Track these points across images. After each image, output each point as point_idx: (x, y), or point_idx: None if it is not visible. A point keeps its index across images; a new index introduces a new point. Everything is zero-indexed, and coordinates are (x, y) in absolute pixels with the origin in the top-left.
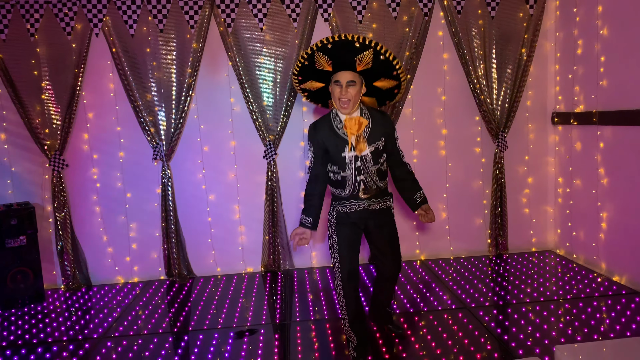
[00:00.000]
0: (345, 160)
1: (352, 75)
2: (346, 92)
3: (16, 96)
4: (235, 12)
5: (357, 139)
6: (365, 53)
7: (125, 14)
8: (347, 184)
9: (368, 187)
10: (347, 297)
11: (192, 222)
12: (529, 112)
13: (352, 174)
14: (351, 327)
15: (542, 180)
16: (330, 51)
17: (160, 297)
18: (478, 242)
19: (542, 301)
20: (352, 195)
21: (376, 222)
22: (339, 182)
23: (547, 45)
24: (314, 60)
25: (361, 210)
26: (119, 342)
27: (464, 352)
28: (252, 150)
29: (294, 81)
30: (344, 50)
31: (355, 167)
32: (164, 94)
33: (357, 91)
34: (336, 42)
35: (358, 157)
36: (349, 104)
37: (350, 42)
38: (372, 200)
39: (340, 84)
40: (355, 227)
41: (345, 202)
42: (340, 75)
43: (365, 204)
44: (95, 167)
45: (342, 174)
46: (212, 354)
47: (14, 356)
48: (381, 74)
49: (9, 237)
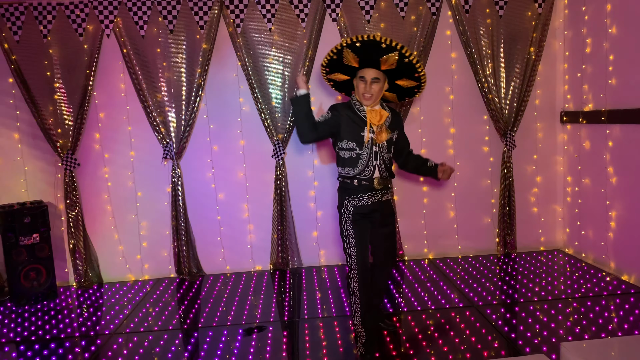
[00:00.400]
0: (363, 139)
1: (376, 73)
2: (370, 88)
3: (29, 96)
4: (244, 12)
5: (379, 128)
6: (391, 55)
7: (135, 15)
8: (359, 162)
9: (381, 175)
10: (362, 290)
11: (202, 220)
12: (538, 111)
13: (367, 154)
14: (362, 321)
15: (551, 179)
16: (358, 49)
17: (170, 294)
18: (486, 241)
19: (550, 300)
20: (366, 184)
21: (383, 213)
22: (351, 160)
23: (555, 44)
24: (342, 56)
25: (375, 202)
26: (130, 338)
27: (471, 349)
28: (261, 150)
29: (322, 72)
30: (371, 50)
31: (371, 150)
32: (174, 94)
33: (380, 88)
34: (365, 41)
35: (375, 142)
36: (371, 98)
37: (377, 42)
38: (383, 192)
39: (365, 80)
40: (367, 221)
41: (362, 196)
42: (366, 71)
43: (379, 196)
44: (106, 166)
45: (357, 150)
46: (221, 351)
47: (28, 351)
48: (403, 74)
49: (23, 234)
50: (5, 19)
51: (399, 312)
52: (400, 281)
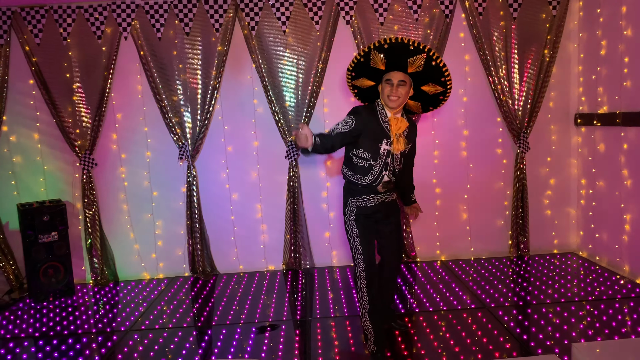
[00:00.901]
0: (379, 151)
1: (403, 76)
2: (396, 90)
3: (49, 98)
4: (259, 15)
5: (397, 137)
6: (418, 57)
7: (152, 17)
8: (371, 173)
9: (387, 182)
10: (369, 287)
11: (216, 220)
12: (552, 114)
13: (379, 166)
14: (370, 319)
15: (565, 181)
16: (385, 51)
17: (185, 293)
18: (499, 243)
19: (563, 302)
20: (370, 188)
21: (387, 213)
22: (363, 169)
23: (570, 46)
24: (369, 58)
25: (378, 204)
26: (145, 335)
27: (482, 350)
28: (275, 151)
29: (347, 77)
30: (399, 52)
31: (384, 161)
32: (189, 96)
33: (406, 91)
34: (392, 43)
35: (390, 153)
36: (397, 101)
37: (405, 44)
38: (386, 194)
39: (392, 82)
40: (371, 220)
41: (365, 197)
42: (392, 74)
43: (383, 198)
44: (123, 166)
45: (371, 162)
46: (234, 348)
47: (46, 346)
48: (430, 78)
49: (42, 232)
50: (27, 22)
51: (410, 313)
52: (412, 282)
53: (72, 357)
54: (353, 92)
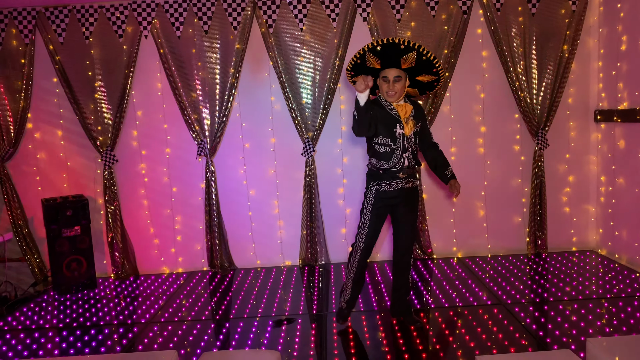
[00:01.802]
0: (396, 135)
1: (398, 72)
2: (393, 86)
3: (72, 95)
4: (277, 13)
5: (405, 121)
6: (410, 54)
7: (172, 16)
8: (394, 156)
9: (409, 165)
10: (359, 263)
11: (234, 216)
12: (571, 110)
13: (400, 148)
14: (353, 283)
15: (584, 178)
16: (379, 52)
17: (203, 287)
18: (516, 240)
19: (581, 299)
20: (392, 173)
21: (407, 200)
22: (386, 154)
23: (589, 41)
24: (365, 59)
25: (399, 189)
26: (165, 327)
27: (498, 346)
28: (291, 147)
29: (348, 76)
30: (391, 51)
31: (403, 144)
32: (208, 93)
33: (402, 85)
34: (384, 44)
35: (405, 136)
36: (395, 96)
37: (396, 44)
38: (407, 180)
39: (388, 79)
40: (388, 208)
41: (385, 182)
42: (388, 71)
43: (403, 183)
44: (143, 163)
45: (392, 146)
46: (251, 341)
47: (70, 337)
48: (423, 70)
49: (65, 227)
50: (51, 21)
51: (426, 309)
52: (428, 279)
53: (94, 348)
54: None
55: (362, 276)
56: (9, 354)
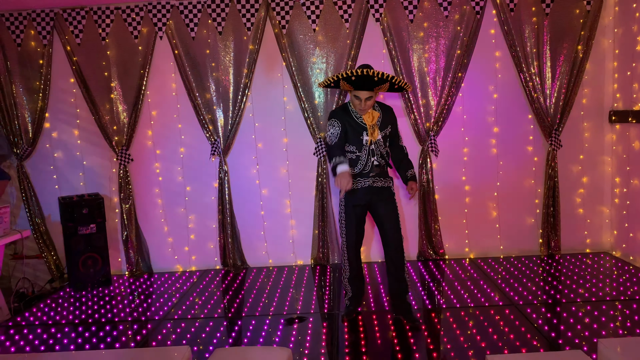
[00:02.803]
0: (362, 143)
1: (370, 93)
2: (365, 104)
3: (88, 95)
4: (290, 14)
5: (372, 128)
6: (382, 86)
7: (187, 17)
8: (359, 162)
9: (378, 164)
10: (350, 260)
11: (246, 215)
12: (585, 110)
13: (365, 155)
14: (349, 282)
15: (598, 180)
16: (353, 82)
17: (216, 285)
18: (529, 241)
19: (594, 301)
20: (361, 173)
21: (379, 197)
22: (352, 161)
23: (604, 41)
24: (339, 83)
25: (367, 187)
26: (178, 324)
27: (509, 346)
28: (304, 147)
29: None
30: (364, 81)
31: (369, 149)
32: (221, 93)
33: (373, 101)
34: (359, 75)
35: (372, 141)
36: (364, 111)
37: (370, 77)
38: (375, 179)
39: (360, 98)
40: (361, 208)
41: (359, 180)
42: (360, 93)
43: (370, 181)
44: (158, 162)
45: (357, 153)
46: (263, 339)
47: (85, 332)
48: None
49: (81, 224)
50: (68, 22)
51: (437, 309)
52: (440, 279)
53: (109, 343)
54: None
55: (358, 275)
56: (27, 348)
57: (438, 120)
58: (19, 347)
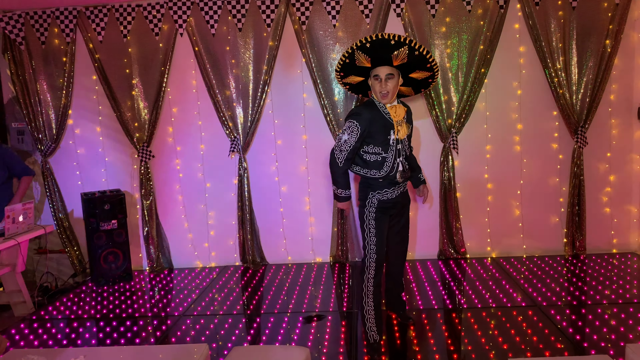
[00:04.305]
0: (389, 142)
1: (390, 69)
2: (385, 85)
3: (110, 92)
4: (310, 10)
5: (399, 124)
6: (401, 50)
7: (207, 14)
8: (385, 164)
9: (404, 169)
10: (375, 280)
11: (266, 212)
12: (612, 107)
13: (392, 156)
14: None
15: (626, 178)
16: (368, 49)
17: (235, 281)
18: (553, 241)
19: (621, 303)
20: (389, 179)
21: (403, 204)
22: (377, 163)
23: (634, 35)
24: (354, 58)
25: (399, 195)
26: (197, 320)
27: (532, 349)
28: (323, 144)
29: (337, 77)
30: (381, 48)
31: (396, 149)
32: (241, 90)
33: (395, 84)
34: (374, 40)
35: (399, 140)
36: (387, 95)
37: (386, 40)
38: (404, 185)
39: (380, 78)
40: (388, 217)
41: (387, 190)
42: (379, 70)
43: (402, 189)
44: (178, 158)
45: (383, 154)
46: (282, 336)
47: (107, 327)
48: (416, 66)
49: (103, 220)
50: (91, 20)
51: (458, 309)
52: (461, 279)
53: (129, 338)
54: (345, 88)
55: (379, 295)
56: (49, 342)
57: (460, 117)
58: (42, 340)
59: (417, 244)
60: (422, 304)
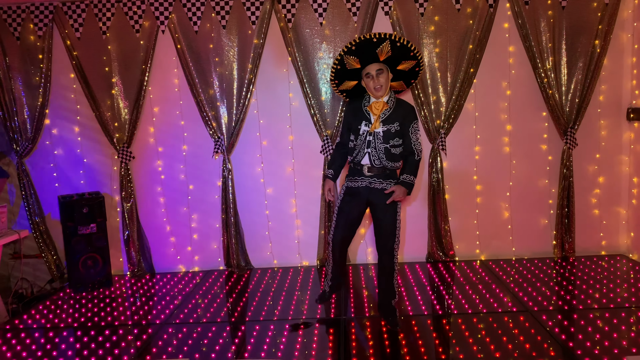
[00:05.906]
0: (359, 132)
1: (378, 65)
2: (378, 80)
3: (89, 91)
4: (296, 7)
5: (374, 117)
6: (384, 45)
7: (189, 11)
8: (354, 150)
9: (372, 163)
10: (332, 255)
11: (251, 214)
12: (602, 108)
13: (361, 144)
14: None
15: (615, 180)
16: (355, 51)
17: (219, 286)
18: (542, 243)
19: (612, 308)
20: (357, 169)
21: (379, 199)
22: (352, 150)
23: (623, 36)
24: (344, 63)
25: (363, 187)
26: (180, 329)
27: (524, 356)
28: (310, 145)
29: (332, 86)
30: (366, 47)
31: (366, 139)
32: (225, 89)
33: (386, 77)
34: (358, 42)
35: (371, 133)
36: (381, 89)
37: (369, 39)
38: (373, 179)
39: (371, 75)
40: (356, 206)
41: (354, 178)
42: (369, 67)
43: (367, 182)
44: (160, 160)
45: (355, 142)
46: (267, 345)
47: (84, 337)
48: (401, 57)
49: (81, 224)
50: (68, 16)
51: (448, 314)
52: (450, 282)
53: (108, 349)
54: (342, 96)
55: (338, 265)
56: (23, 354)
57: (449, 118)
58: (15, 352)
59: (406, 247)
60: (412, 310)
